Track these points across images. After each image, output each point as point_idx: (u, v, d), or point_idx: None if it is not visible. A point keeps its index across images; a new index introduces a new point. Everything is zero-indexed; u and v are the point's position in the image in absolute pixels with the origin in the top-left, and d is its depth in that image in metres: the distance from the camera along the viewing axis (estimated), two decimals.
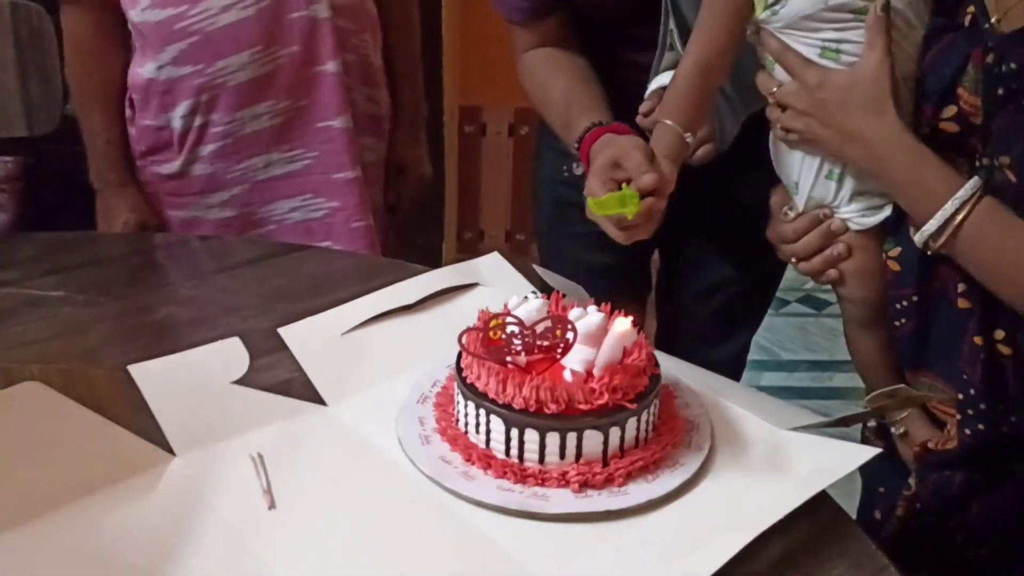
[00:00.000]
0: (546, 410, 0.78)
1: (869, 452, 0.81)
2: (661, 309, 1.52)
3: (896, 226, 0.93)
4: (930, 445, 0.91)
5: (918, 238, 0.85)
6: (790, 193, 0.99)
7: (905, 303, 0.91)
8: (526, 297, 0.85)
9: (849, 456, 0.81)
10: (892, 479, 0.97)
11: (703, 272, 1.42)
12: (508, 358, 0.80)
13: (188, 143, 1.33)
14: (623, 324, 0.79)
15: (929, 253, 0.86)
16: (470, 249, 2.77)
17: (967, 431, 0.87)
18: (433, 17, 2.07)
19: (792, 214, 0.98)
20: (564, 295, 0.90)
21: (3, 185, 1.59)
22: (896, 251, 0.92)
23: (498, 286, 1.07)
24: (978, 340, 0.86)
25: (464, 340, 0.81)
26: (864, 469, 0.80)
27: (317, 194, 1.36)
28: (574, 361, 0.80)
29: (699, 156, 1.12)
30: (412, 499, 0.78)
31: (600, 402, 0.78)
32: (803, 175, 0.96)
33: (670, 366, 0.94)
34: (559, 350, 0.79)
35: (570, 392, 0.78)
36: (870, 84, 0.87)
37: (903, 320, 0.92)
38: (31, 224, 1.52)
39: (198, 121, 1.31)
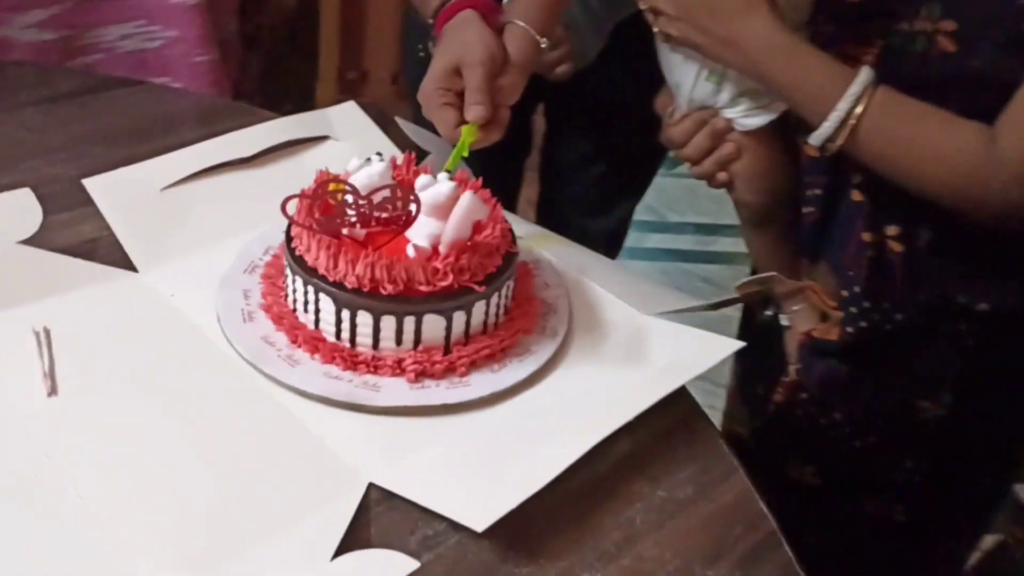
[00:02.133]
0: (382, 290, 0.69)
1: (730, 346, 0.75)
2: (543, 173, 1.44)
3: None
4: (814, 333, 0.89)
5: (813, 140, 0.79)
6: (673, 93, 0.91)
7: (814, 191, 0.87)
8: (368, 159, 0.74)
9: (710, 350, 0.75)
10: (771, 368, 0.95)
11: (586, 137, 1.34)
12: (345, 230, 0.71)
13: None
14: (470, 197, 0.70)
15: (827, 155, 0.80)
16: (353, 91, 2.57)
17: (849, 329, 0.85)
18: None
19: (677, 115, 0.90)
20: (416, 157, 0.80)
21: None
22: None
23: (352, 140, 0.95)
24: (866, 236, 0.82)
25: (292, 206, 0.71)
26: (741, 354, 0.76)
27: (152, 20, 1.18)
28: (419, 236, 0.71)
29: (558, 74, 1.01)
30: (226, 384, 0.69)
31: (444, 284, 0.70)
32: (683, 76, 0.89)
33: (535, 240, 0.86)
34: (399, 224, 0.70)
35: (410, 271, 0.69)
36: None
37: (810, 208, 0.88)
38: None
39: None
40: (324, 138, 0.95)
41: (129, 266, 0.77)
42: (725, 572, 0.61)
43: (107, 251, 0.78)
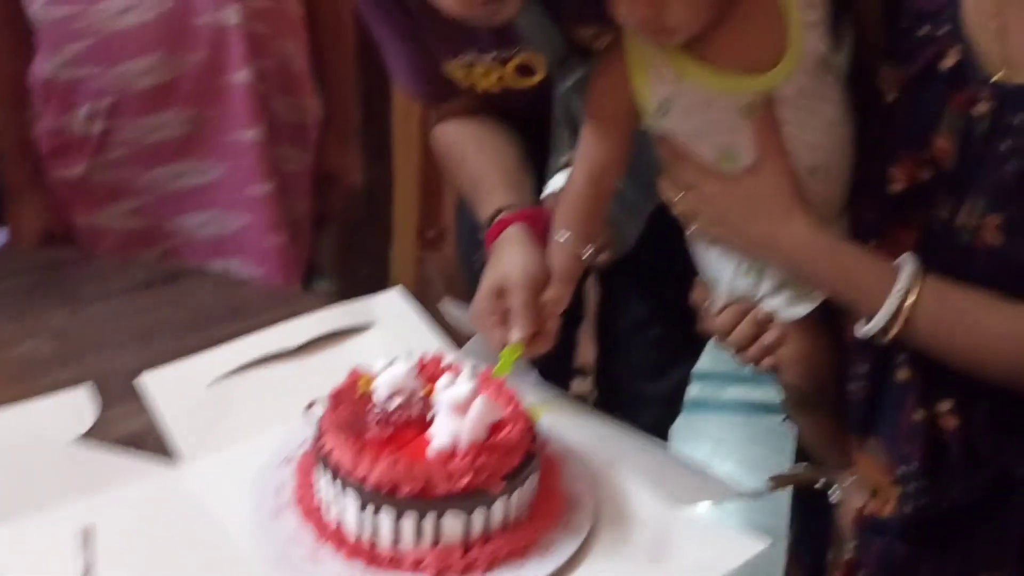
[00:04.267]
0: (401, 490, 0.70)
1: (756, 547, 0.74)
2: (599, 339, 1.45)
3: None
4: (866, 511, 0.86)
5: (863, 334, 0.79)
6: (710, 286, 0.92)
7: (862, 367, 0.86)
8: (393, 361, 0.77)
9: (734, 550, 0.74)
10: (821, 547, 0.92)
11: (641, 301, 1.35)
12: (368, 432, 0.73)
13: (91, 148, 1.25)
14: (482, 402, 0.72)
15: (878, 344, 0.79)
16: (434, 247, 2.67)
17: (907, 508, 0.82)
18: None
19: (716, 307, 0.91)
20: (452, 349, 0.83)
21: None
22: None
23: (394, 330, 0.99)
24: (918, 415, 0.80)
25: (318, 406, 0.74)
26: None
27: (227, 209, 1.28)
28: (442, 433, 0.73)
29: (598, 264, 1.05)
30: None
31: (462, 484, 0.71)
32: (721, 271, 0.89)
33: (568, 425, 0.87)
34: (417, 426, 0.72)
35: (429, 471, 0.70)
36: (770, 190, 0.80)
37: (858, 384, 0.87)
38: None
39: (100, 126, 1.23)
40: (369, 326, 0.99)
41: (173, 460, 0.81)
42: None
43: (154, 445, 0.83)
